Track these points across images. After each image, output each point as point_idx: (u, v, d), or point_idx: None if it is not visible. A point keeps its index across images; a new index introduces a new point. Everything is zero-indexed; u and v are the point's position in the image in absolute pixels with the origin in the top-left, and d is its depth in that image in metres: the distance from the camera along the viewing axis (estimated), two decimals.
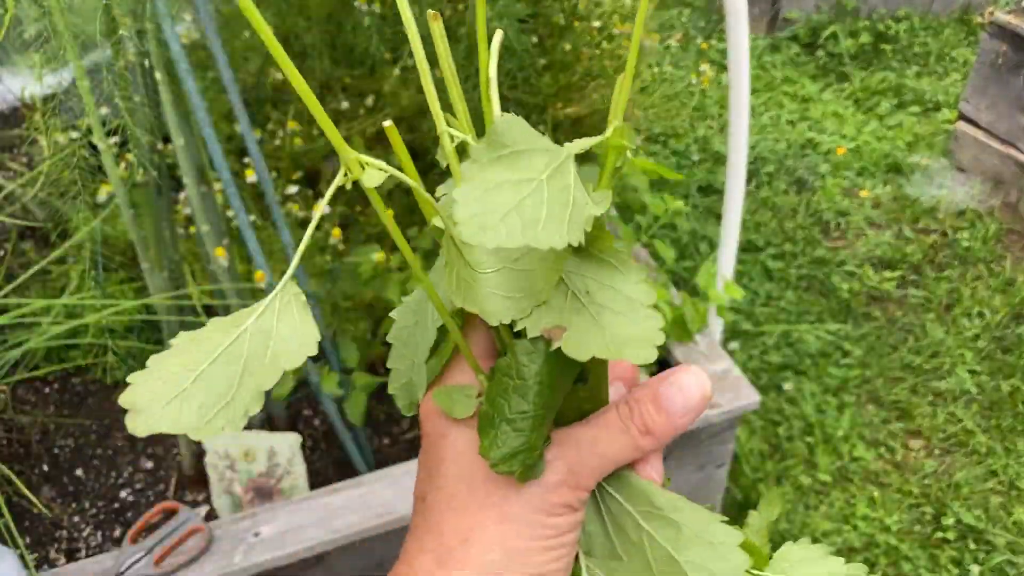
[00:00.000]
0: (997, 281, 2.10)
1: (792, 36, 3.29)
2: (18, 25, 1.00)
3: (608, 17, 1.61)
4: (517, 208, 0.27)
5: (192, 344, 0.28)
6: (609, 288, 0.31)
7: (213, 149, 0.98)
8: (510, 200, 0.27)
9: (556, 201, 0.28)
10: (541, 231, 0.27)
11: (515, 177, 0.28)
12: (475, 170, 0.28)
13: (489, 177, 0.28)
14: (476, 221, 0.26)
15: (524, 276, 0.30)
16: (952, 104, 2.82)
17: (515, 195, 0.27)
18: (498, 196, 0.27)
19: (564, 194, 0.28)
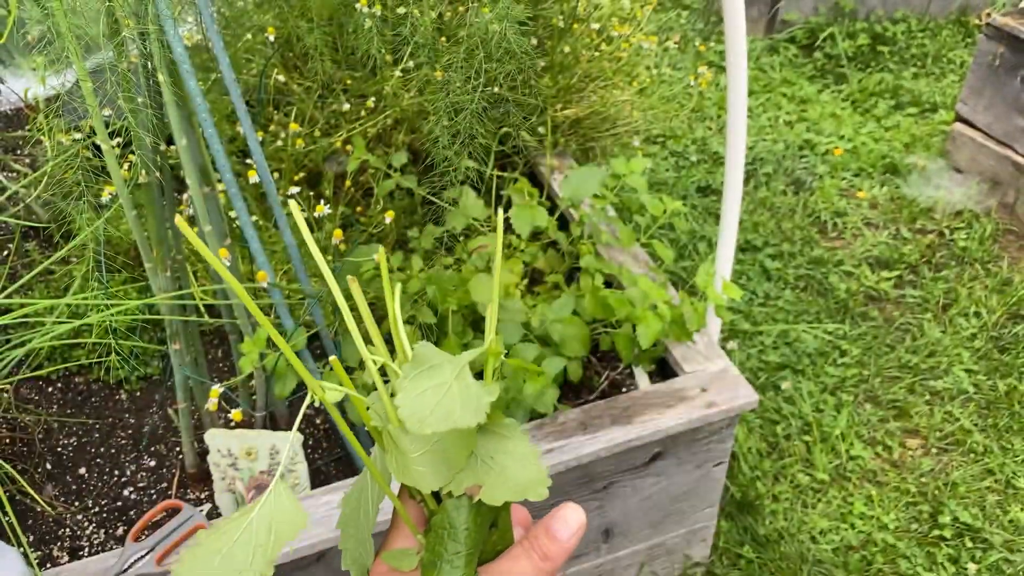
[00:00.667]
0: (994, 281, 2.12)
1: (790, 38, 3.30)
2: (21, 27, 1.01)
3: (607, 20, 1.62)
4: (439, 404, 0.38)
5: (217, 534, 0.38)
6: (505, 451, 0.42)
7: (216, 150, 0.99)
8: (434, 399, 0.38)
9: (463, 396, 0.39)
10: (458, 417, 0.38)
11: (434, 383, 0.39)
12: (407, 383, 0.39)
13: (417, 386, 0.39)
14: (415, 417, 0.37)
15: (443, 453, 0.41)
16: (949, 105, 2.83)
17: (436, 395, 0.39)
18: (426, 398, 0.38)
19: (467, 390, 0.39)
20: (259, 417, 1.20)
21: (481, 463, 0.42)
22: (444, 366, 0.40)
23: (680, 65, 3.07)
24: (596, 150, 1.68)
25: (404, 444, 0.40)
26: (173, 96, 0.96)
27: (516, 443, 0.43)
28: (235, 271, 1.10)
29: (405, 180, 1.34)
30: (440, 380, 0.39)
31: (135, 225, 1.05)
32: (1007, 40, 2.27)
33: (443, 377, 0.39)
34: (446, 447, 0.40)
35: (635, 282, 1.22)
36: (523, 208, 1.27)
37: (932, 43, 3.23)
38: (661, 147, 2.69)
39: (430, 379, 0.39)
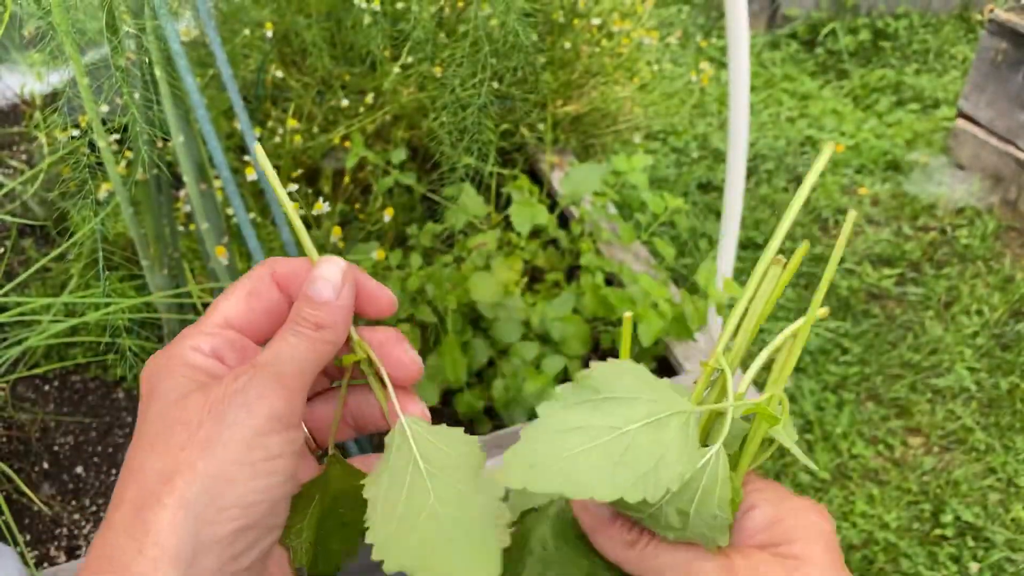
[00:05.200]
0: (996, 278, 2.11)
1: (791, 33, 3.29)
2: (18, 22, 1.00)
3: (608, 15, 1.61)
4: (583, 455, 0.26)
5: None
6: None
7: (213, 147, 0.98)
8: (580, 445, 0.27)
9: (641, 450, 0.27)
10: (588, 486, 0.26)
11: (601, 423, 0.27)
12: (547, 412, 0.28)
13: (562, 421, 0.27)
14: (531, 464, 0.26)
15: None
16: (951, 101, 2.82)
17: (587, 442, 0.27)
18: (565, 440, 0.27)
19: (653, 448, 0.27)
20: None
21: None
22: (638, 403, 0.28)
23: (681, 61, 3.06)
24: (597, 147, 1.67)
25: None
26: (170, 92, 0.95)
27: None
28: (232, 268, 1.09)
29: (404, 177, 1.33)
30: (614, 421, 0.27)
31: (132, 222, 1.04)
32: (1010, 36, 2.25)
33: (623, 417, 0.27)
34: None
35: (636, 280, 1.22)
36: (523, 205, 1.26)
37: (934, 39, 3.21)
38: (662, 143, 2.68)
39: (597, 414, 0.28)
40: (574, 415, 0.28)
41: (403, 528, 0.31)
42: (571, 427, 0.27)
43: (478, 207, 1.30)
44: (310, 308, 0.35)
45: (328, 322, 0.35)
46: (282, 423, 0.32)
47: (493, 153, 1.35)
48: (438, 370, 1.13)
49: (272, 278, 0.38)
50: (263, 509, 0.31)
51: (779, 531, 0.33)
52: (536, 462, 0.27)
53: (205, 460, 0.31)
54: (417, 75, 1.38)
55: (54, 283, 1.40)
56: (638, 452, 0.27)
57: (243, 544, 0.31)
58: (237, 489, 0.31)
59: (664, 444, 0.28)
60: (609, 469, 0.27)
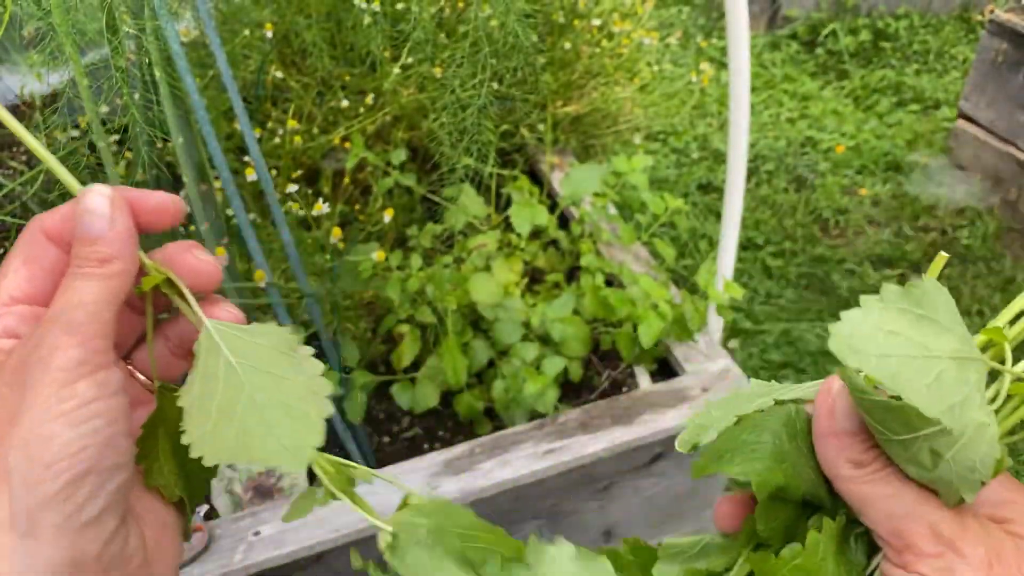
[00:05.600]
0: (997, 279, 2.10)
1: (792, 34, 3.29)
2: (17, 23, 1.00)
3: (608, 15, 1.61)
4: (899, 360, 0.27)
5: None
6: None
7: (212, 147, 0.98)
8: (897, 350, 0.28)
9: (950, 381, 0.28)
10: (909, 388, 0.27)
11: (917, 339, 0.28)
12: (878, 307, 0.29)
13: (883, 319, 0.28)
14: (850, 343, 0.28)
15: None
16: (952, 102, 2.82)
17: (904, 349, 0.28)
18: (891, 341, 0.28)
19: (959, 386, 0.28)
20: None
21: None
22: (950, 334, 0.29)
23: (682, 61, 3.06)
24: (597, 147, 1.67)
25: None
26: (169, 93, 0.95)
27: None
28: (232, 270, 1.09)
29: (404, 178, 1.33)
30: (932, 343, 0.28)
31: None
32: (1010, 36, 2.25)
33: (936, 346, 0.29)
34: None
35: (636, 281, 1.21)
36: (523, 206, 1.26)
37: (934, 39, 3.21)
38: (662, 144, 2.68)
39: (915, 330, 0.28)
40: (892, 319, 0.28)
41: (221, 423, 0.31)
42: (888, 329, 0.28)
43: (478, 208, 1.30)
44: (87, 247, 0.33)
45: (110, 254, 0.33)
46: (87, 367, 0.31)
47: (493, 154, 1.35)
48: (438, 371, 1.13)
49: (44, 236, 0.36)
50: (93, 453, 0.31)
51: (1011, 509, 0.32)
52: (861, 348, 0.27)
53: (14, 429, 0.30)
54: (417, 76, 1.38)
55: None
56: (948, 382, 0.28)
57: (85, 492, 0.30)
58: (56, 442, 0.30)
59: (969, 384, 0.28)
60: (927, 385, 0.27)
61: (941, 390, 0.28)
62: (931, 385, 0.27)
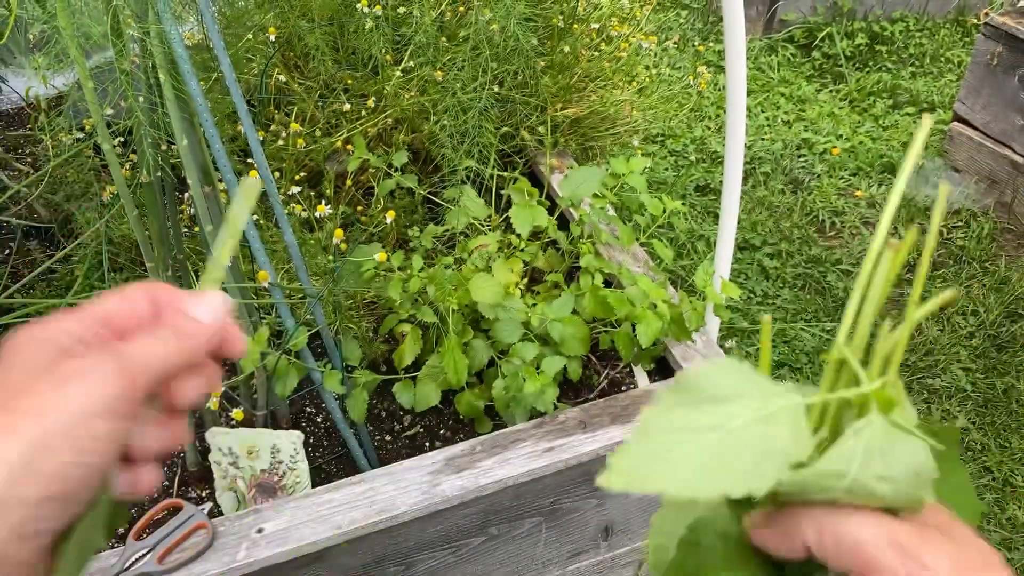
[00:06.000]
0: (991, 280, 2.12)
1: (788, 37, 3.31)
2: (23, 26, 1.02)
3: (606, 19, 1.63)
4: (681, 456, 0.26)
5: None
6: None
7: (216, 150, 0.99)
8: (677, 446, 0.27)
9: (747, 445, 0.27)
10: (724, 479, 0.26)
11: (699, 423, 0.27)
12: (652, 415, 0.28)
13: (668, 423, 0.27)
14: (632, 474, 0.26)
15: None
16: (947, 105, 2.84)
17: (690, 445, 0.27)
18: (667, 441, 0.27)
19: (762, 441, 0.27)
20: (260, 416, 1.21)
21: None
22: (742, 399, 0.28)
23: (679, 65, 3.08)
24: (596, 149, 1.69)
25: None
26: (174, 96, 0.97)
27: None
28: (236, 270, 1.10)
29: (406, 179, 1.34)
30: (717, 419, 0.27)
31: (136, 225, 1.05)
32: (1005, 39, 2.27)
33: (726, 415, 0.27)
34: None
35: (635, 281, 1.23)
36: (523, 207, 1.27)
37: (930, 42, 3.23)
38: (660, 146, 2.70)
39: (700, 413, 0.27)
40: (676, 417, 0.28)
41: None
42: (673, 428, 0.27)
43: (479, 209, 1.31)
44: (181, 318, 0.38)
45: (191, 334, 0.38)
46: (113, 412, 0.34)
47: (493, 156, 1.37)
48: (439, 370, 1.15)
49: (148, 297, 0.40)
50: (71, 486, 0.33)
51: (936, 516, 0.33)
52: (638, 464, 0.27)
53: (33, 424, 0.33)
54: (419, 79, 1.39)
55: (59, 285, 1.41)
56: (742, 448, 0.27)
57: (45, 515, 0.33)
58: (53, 458, 0.32)
59: (771, 437, 0.27)
60: (712, 466, 0.27)
61: (737, 459, 0.27)
62: (723, 460, 0.27)
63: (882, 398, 0.30)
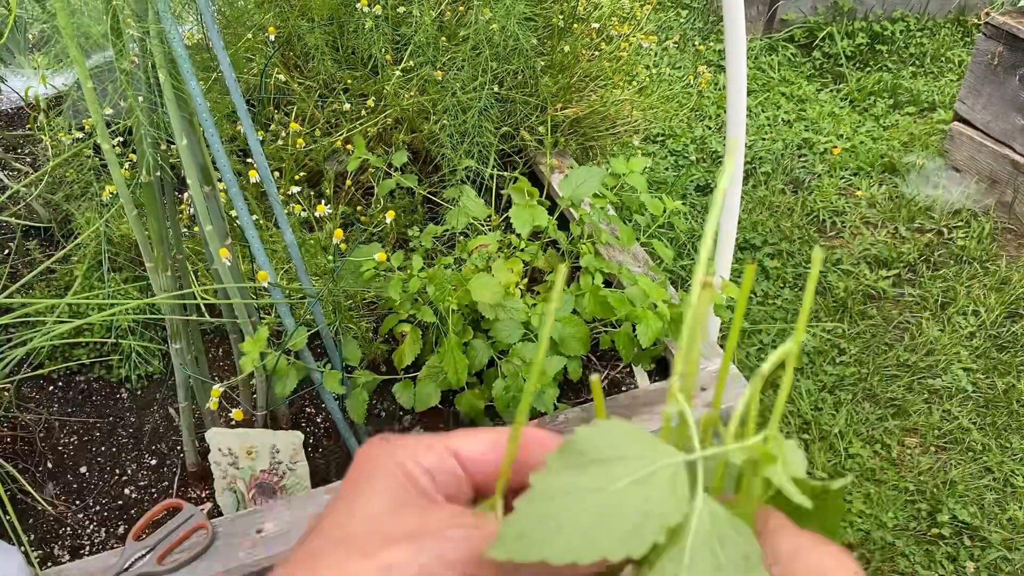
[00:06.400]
0: (992, 280, 2.12)
1: (789, 37, 3.31)
2: (23, 27, 1.01)
3: (607, 19, 1.63)
4: (564, 521, 0.26)
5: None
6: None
7: (216, 149, 0.99)
8: (560, 512, 0.27)
9: (629, 506, 0.27)
10: (583, 550, 0.26)
11: (583, 486, 0.27)
12: (540, 480, 0.28)
13: (558, 484, 0.27)
14: (526, 540, 0.26)
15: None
16: (947, 104, 2.84)
17: (570, 506, 0.27)
18: (551, 507, 0.27)
19: (641, 502, 0.27)
20: (260, 416, 1.20)
21: None
22: (622, 461, 0.28)
23: (679, 64, 3.08)
24: (596, 149, 1.69)
25: None
26: (174, 96, 0.97)
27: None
28: (236, 270, 1.10)
29: (405, 179, 1.34)
30: (599, 482, 0.27)
31: (136, 224, 1.05)
32: (1006, 39, 2.27)
33: (607, 478, 0.27)
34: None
35: (635, 281, 1.23)
36: (523, 207, 1.27)
37: (930, 42, 3.23)
38: (660, 146, 2.69)
39: (583, 477, 0.27)
40: (561, 481, 0.28)
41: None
42: (558, 493, 0.27)
43: (479, 209, 1.31)
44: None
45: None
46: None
47: (493, 156, 1.36)
48: (439, 370, 1.15)
49: (524, 444, 0.36)
50: None
51: (801, 566, 0.31)
52: (524, 532, 0.27)
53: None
54: (418, 79, 1.39)
55: (58, 284, 1.41)
56: (623, 510, 0.27)
57: None
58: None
59: (650, 499, 0.28)
60: (593, 531, 0.27)
61: (618, 522, 0.27)
62: (604, 524, 0.27)
63: (763, 453, 0.30)
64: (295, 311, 1.18)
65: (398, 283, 1.15)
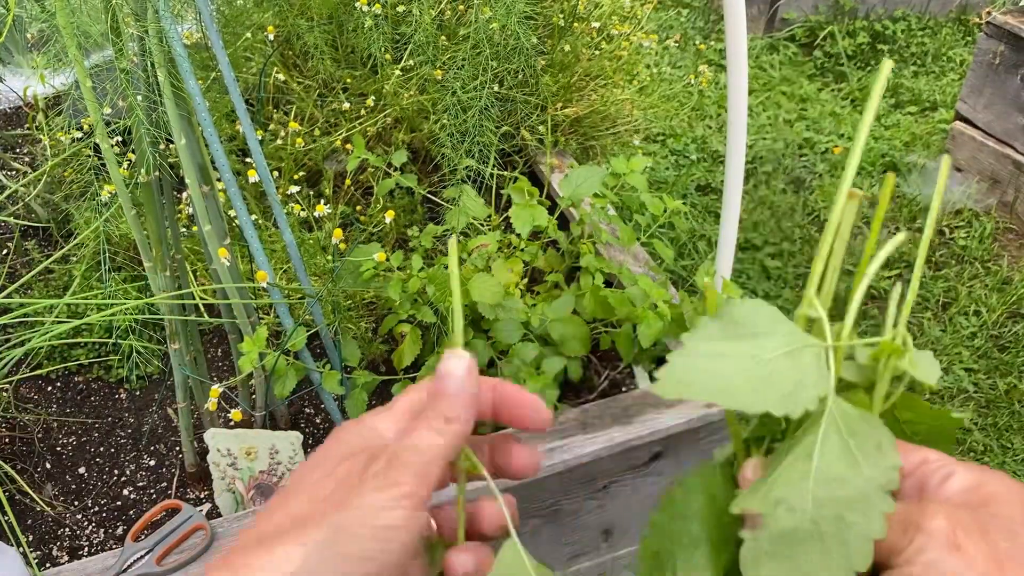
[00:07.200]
0: (993, 280, 2.12)
1: (790, 36, 3.30)
2: (21, 26, 1.01)
3: (607, 18, 1.62)
4: (725, 377, 0.29)
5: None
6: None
7: (215, 149, 0.99)
8: (724, 369, 0.30)
9: (781, 375, 0.29)
10: (735, 397, 0.29)
11: (744, 351, 0.30)
12: (692, 340, 0.31)
13: (709, 348, 0.30)
14: (678, 380, 0.29)
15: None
16: (949, 104, 2.83)
17: (731, 365, 0.30)
18: (716, 364, 0.30)
19: (792, 374, 0.30)
20: (259, 416, 1.20)
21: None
22: (775, 336, 0.31)
23: (680, 64, 3.07)
24: (596, 149, 1.68)
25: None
26: (172, 95, 0.96)
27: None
28: (235, 271, 1.10)
29: (405, 179, 1.34)
30: (755, 350, 0.30)
31: (134, 224, 1.04)
32: (1007, 38, 2.26)
33: (763, 347, 0.30)
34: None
35: (635, 281, 1.22)
36: (523, 207, 1.27)
37: (932, 41, 3.22)
38: (661, 146, 2.69)
39: (739, 343, 0.31)
40: (717, 344, 0.31)
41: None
42: (716, 353, 0.30)
43: (478, 209, 1.31)
44: (439, 402, 0.40)
45: (454, 415, 0.40)
46: (407, 502, 0.38)
47: (493, 155, 1.36)
48: None
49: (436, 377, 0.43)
50: (374, 567, 0.37)
51: (981, 494, 0.33)
52: (687, 379, 0.29)
53: (337, 515, 0.37)
54: (418, 78, 1.39)
55: (57, 285, 1.40)
56: (779, 376, 0.30)
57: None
58: (356, 543, 0.36)
59: (802, 371, 0.30)
60: (754, 387, 0.29)
61: (775, 385, 0.30)
62: (763, 383, 0.29)
63: (892, 348, 0.33)
64: (294, 311, 1.18)
65: (398, 283, 1.15)
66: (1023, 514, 0.32)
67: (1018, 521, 0.32)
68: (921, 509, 0.31)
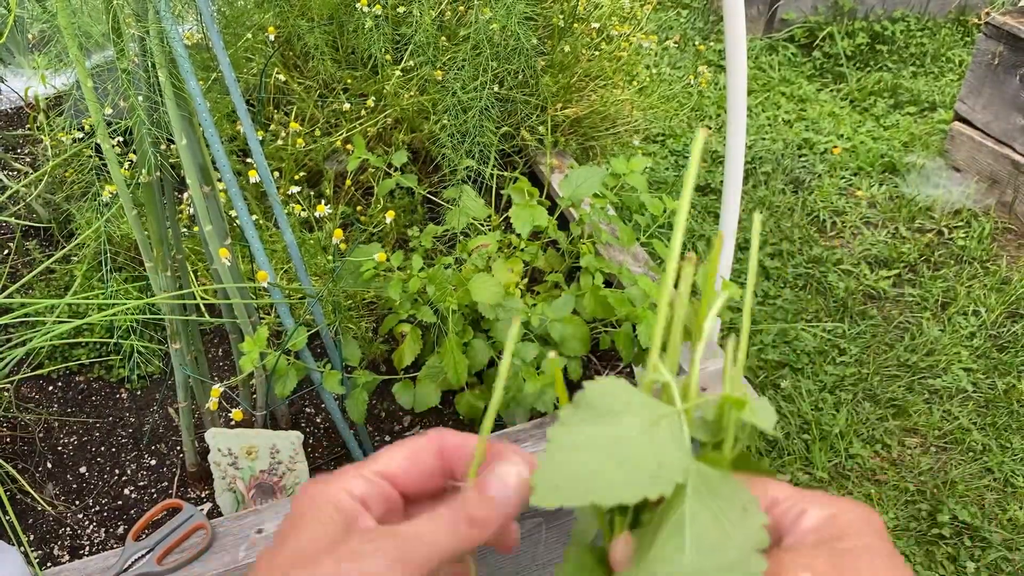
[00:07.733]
0: (992, 280, 2.12)
1: (789, 37, 3.31)
2: (22, 26, 1.01)
3: (607, 19, 1.63)
4: (596, 465, 0.29)
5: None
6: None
7: (216, 149, 0.99)
8: (592, 459, 0.29)
9: (643, 453, 0.29)
10: (614, 487, 0.28)
11: (601, 437, 0.30)
12: (558, 432, 0.30)
13: (574, 437, 0.30)
14: (546, 484, 0.29)
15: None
16: (948, 104, 2.84)
17: (593, 458, 0.29)
18: (579, 457, 0.29)
19: (654, 449, 0.30)
20: (259, 416, 1.20)
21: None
22: (630, 413, 0.31)
23: (680, 64, 3.07)
24: (596, 149, 1.69)
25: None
26: (173, 95, 0.96)
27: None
28: (235, 271, 1.10)
29: (405, 179, 1.34)
30: (615, 432, 0.30)
31: (135, 224, 1.05)
32: (1006, 39, 2.27)
33: (622, 428, 0.30)
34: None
35: (635, 281, 1.23)
36: (523, 207, 1.27)
37: (931, 42, 3.23)
38: (661, 146, 2.69)
39: (600, 428, 0.30)
40: (579, 433, 0.30)
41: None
42: (580, 444, 0.30)
43: (479, 209, 1.31)
44: (476, 505, 0.35)
45: (485, 525, 0.35)
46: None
47: (493, 155, 1.36)
48: (439, 370, 1.14)
49: (437, 449, 0.39)
50: None
51: (836, 526, 0.33)
52: (559, 483, 0.29)
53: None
54: (418, 79, 1.39)
55: (58, 284, 1.41)
56: (642, 455, 0.30)
57: None
58: None
59: (661, 444, 0.30)
60: (626, 473, 0.29)
61: (639, 469, 0.29)
62: (630, 467, 0.29)
63: (734, 401, 0.33)
64: (295, 311, 1.18)
65: (398, 283, 1.15)
66: (878, 541, 0.32)
67: (874, 550, 0.32)
68: (782, 565, 0.31)
